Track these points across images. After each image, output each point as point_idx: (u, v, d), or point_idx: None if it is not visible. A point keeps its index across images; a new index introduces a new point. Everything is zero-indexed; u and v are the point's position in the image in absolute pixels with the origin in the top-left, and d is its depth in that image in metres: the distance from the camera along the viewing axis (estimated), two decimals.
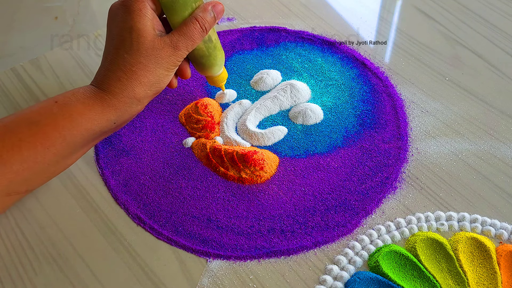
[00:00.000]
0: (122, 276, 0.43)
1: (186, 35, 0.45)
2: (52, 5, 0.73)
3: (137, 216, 0.47)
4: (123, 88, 0.43)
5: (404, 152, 0.51)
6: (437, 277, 0.43)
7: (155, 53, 0.43)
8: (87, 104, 0.42)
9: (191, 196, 0.49)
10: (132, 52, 0.43)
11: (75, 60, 0.61)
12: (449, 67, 0.60)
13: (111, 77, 0.43)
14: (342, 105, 0.56)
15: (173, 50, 0.44)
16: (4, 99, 0.57)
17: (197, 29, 0.45)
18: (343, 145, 0.52)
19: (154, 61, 0.43)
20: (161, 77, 0.45)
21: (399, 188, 0.49)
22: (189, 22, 0.45)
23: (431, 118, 0.55)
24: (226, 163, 0.50)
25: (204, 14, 0.45)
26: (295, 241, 0.45)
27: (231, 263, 0.44)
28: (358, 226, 0.46)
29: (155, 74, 0.44)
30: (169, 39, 0.44)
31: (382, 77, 0.58)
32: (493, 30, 0.64)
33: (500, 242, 0.45)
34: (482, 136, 0.53)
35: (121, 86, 0.43)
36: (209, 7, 0.46)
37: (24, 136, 0.40)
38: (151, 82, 0.44)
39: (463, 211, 0.47)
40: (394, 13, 0.67)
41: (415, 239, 0.45)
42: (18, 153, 0.39)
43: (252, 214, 0.47)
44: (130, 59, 0.43)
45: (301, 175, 0.50)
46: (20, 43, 0.68)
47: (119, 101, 0.43)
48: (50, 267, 0.44)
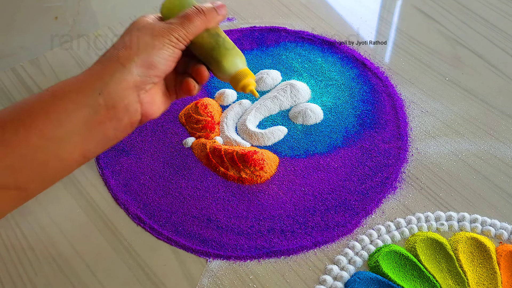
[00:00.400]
0: (122, 276, 0.43)
1: (183, 16, 0.44)
2: (52, 5, 0.73)
3: (137, 216, 0.47)
4: (107, 55, 0.42)
5: (404, 152, 0.51)
6: (437, 277, 0.43)
7: (148, 28, 0.43)
8: (73, 79, 0.41)
9: (191, 196, 0.49)
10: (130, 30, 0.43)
11: (75, 60, 0.61)
12: (449, 67, 0.60)
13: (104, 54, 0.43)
14: (342, 105, 0.56)
15: (168, 25, 0.43)
16: (4, 99, 0.57)
17: (193, 10, 0.44)
18: (343, 145, 0.52)
19: (144, 32, 0.42)
20: (149, 45, 0.42)
21: (399, 188, 0.49)
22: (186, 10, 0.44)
23: (431, 118, 0.55)
24: (226, 163, 0.50)
25: (202, 4, 0.45)
26: (295, 241, 0.45)
27: (231, 263, 0.44)
28: (358, 226, 0.46)
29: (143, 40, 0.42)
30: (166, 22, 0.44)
31: (382, 77, 0.58)
32: (493, 30, 0.64)
33: (500, 242, 0.45)
34: (482, 136, 0.53)
35: (106, 53, 0.42)
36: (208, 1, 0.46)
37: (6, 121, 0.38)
38: (137, 46, 0.42)
39: (463, 211, 0.47)
40: (394, 13, 0.67)
41: (415, 239, 0.45)
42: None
43: (252, 214, 0.47)
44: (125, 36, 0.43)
45: (301, 175, 0.50)
46: (20, 43, 0.68)
47: (103, 66, 0.41)
48: (50, 267, 0.44)
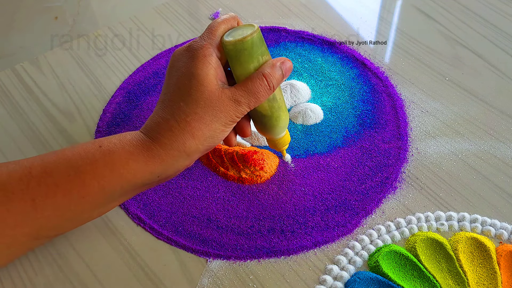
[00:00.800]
0: (122, 276, 0.43)
1: (251, 91, 0.41)
2: (52, 5, 0.73)
3: (137, 216, 0.47)
4: (173, 140, 0.39)
5: (404, 152, 0.51)
6: (437, 277, 0.43)
7: (213, 105, 0.39)
8: (131, 153, 0.39)
9: (191, 196, 0.49)
10: (189, 100, 0.39)
11: (75, 60, 0.61)
12: (449, 67, 0.60)
13: (162, 126, 0.39)
14: (342, 105, 0.56)
15: (234, 104, 0.40)
16: (4, 99, 0.57)
17: (264, 86, 0.41)
18: (343, 145, 0.52)
19: (211, 113, 0.39)
20: (217, 132, 0.40)
21: (399, 188, 0.49)
22: (255, 78, 0.41)
23: (431, 118, 0.55)
24: (226, 163, 0.50)
25: (273, 70, 0.41)
26: (295, 241, 0.45)
27: (231, 263, 0.44)
28: (358, 226, 0.46)
29: (211, 128, 0.40)
30: (231, 93, 0.40)
31: (382, 77, 0.58)
32: (493, 30, 0.64)
33: (500, 242, 0.45)
34: (482, 136, 0.53)
35: (171, 137, 0.39)
36: (277, 64, 0.42)
37: (61, 182, 0.37)
38: (204, 136, 0.40)
39: (463, 211, 0.47)
40: (394, 13, 0.67)
41: (415, 239, 0.45)
42: (52, 198, 0.37)
43: (252, 214, 0.47)
44: (186, 108, 0.39)
45: (301, 175, 0.50)
46: (20, 43, 0.68)
47: (166, 153, 0.39)
48: (50, 267, 0.44)
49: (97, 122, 0.55)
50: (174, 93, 0.40)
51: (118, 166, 0.39)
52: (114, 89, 0.58)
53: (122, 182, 0.39)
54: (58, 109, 0.56)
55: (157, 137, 0.40)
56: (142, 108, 0.56)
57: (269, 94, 0.42)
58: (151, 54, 0.62)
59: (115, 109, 0.56)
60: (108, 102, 0.57)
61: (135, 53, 0.62)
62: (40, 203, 0.37)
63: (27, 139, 0.53)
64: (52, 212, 0.37)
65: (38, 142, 0.53)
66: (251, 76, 0.41)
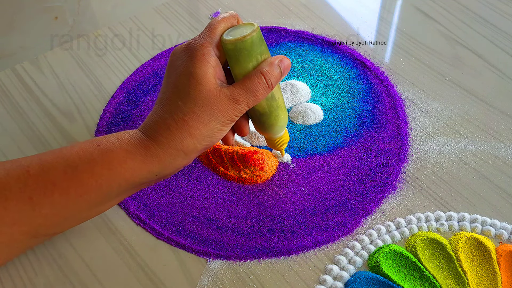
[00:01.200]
0: (122, 276, 0.43)
1: (249, 90, 0.41)
2: (52, 5, 0.73)
3: (137, 216, 0.47)
4: (170, 138, 0.39)
5: (404, 152, 0.51)
6: (437, 277, 0.43)
7: (211, 104, 0.39)
8: (129, 152, 0.39)
9: (191, 196, 0.49)
10: (187, 99, 0.39)
11: (75, 60, 0.61)
12: (449, 67, 0.60)
13: (160, 125, 0.39)
14: (342, 105, 0.56)
15: (232, 103, 0.40)
16: (4, 99, 0.57)
17: (262, 84, 0.41)
18: (343, 145, 0.52)
19: (209, 112, 0.39)
20: (215, 131, 0.40)
21: (399, 188, 0.49)
22: (253, 76, 0.41)
23: (431, 118, 0.55)
24: (226, 163, 0.50)
25: (271, 68, 0.41)
26: (295, 241, 0.45)
27: (231, 263, 0.44)
28: (358, 226, 0.46)
29: (209, 127, 0.40)
30: (230, 91, 0.40)
31: (382, 77, 0.58)
32: (493, 30, 0.64)
33: (500, 242, 0.45)
34: (482, 136, 0.53)
35: (169, 135, 0.39)
36: (276, 62, 0.42)
37: (58, 180, 0.37)
38: (203, 135, 0.40)
39: (463, 211, 0.47)
40: (394, 13, 0.67)
41: (415, 239, 0.45)
42: (50, 197, 0.37)
43: (252, 214, 0.47)
44: (184, 107, 0.39)
45: (301, 175, 0.50)
46: (20, 43, 0.68)
47: (164, 152, 0.39)
48: (50, 267, 0.44)
49: (97, 122, 0.55)
50: (172, 92, 0.40)
51: (116, 165, 0.39)
52: (114, 89, 0.58)
53: (120, 181, 0.39)
54: (58, 109, 0.56)
55: (155, 135, 0.40)
56: (142, 108, 0.56)
57: (268, 92, 0.42)
58: (151, 54, 0.62)
59: (115, 109, 0.56)
60: (108, 102, 0.57)
61: (135, 53, 0.62)
62: (38, 202, 0.37)
63: (27, 139, 0.53)
64: (49, 210, 0.38)
65: (38, 142, 0.53)
66: (249, 75, 0.41)
